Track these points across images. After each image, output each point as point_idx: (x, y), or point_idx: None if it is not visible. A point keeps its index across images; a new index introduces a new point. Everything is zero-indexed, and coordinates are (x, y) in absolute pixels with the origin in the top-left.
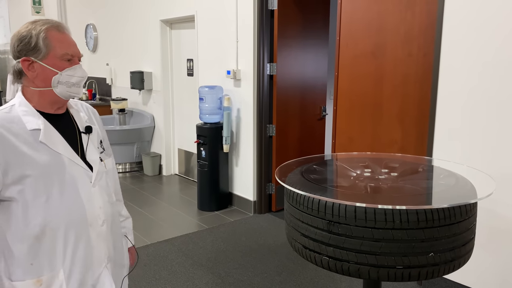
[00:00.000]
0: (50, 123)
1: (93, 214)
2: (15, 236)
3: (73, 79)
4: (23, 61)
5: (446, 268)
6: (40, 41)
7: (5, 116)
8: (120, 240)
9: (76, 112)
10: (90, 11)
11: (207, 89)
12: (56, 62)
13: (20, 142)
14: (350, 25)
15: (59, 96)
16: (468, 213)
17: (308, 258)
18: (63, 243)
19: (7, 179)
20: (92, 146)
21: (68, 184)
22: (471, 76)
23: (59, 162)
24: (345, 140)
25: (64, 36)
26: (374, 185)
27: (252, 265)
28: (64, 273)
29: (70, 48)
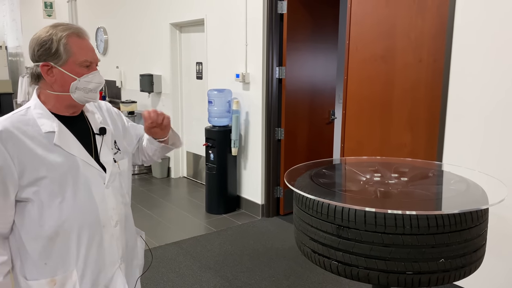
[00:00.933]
0: (65, 125)
1: (106, 215)
2: (30, 236)
3: (90, 85)
4: (42, 66)
5: (457, 274)
6: (61, 47)
7: (21, 118)
8: (134, 240)
9: (91, 114)
10: (101, 14)
11: (216, 92)
12: (75, 68)
13: (35, 144)
14: (360, 29)
15: (76, 101)
16: (479, 219)
17: (317, 262)
18: (76, 244)
19: (23, 181)
20: (106, 148)
21: (82, 186)
22: (482, 81)
23: (73, 164)
24: (354, 144)
25: (84, 42)
26: (384, 189)
27: (260, 269)
28: (77, 273)
29: (89, 54)
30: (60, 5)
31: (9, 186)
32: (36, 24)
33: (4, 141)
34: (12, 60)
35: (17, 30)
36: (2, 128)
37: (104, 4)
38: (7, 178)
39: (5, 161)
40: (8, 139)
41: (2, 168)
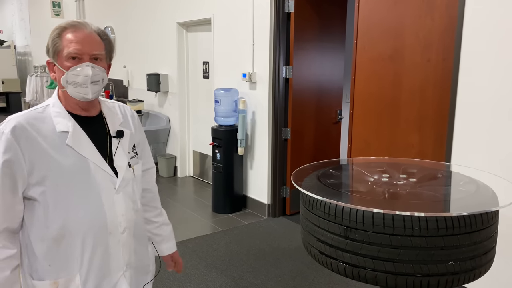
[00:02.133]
0: (81, 126)
1: (114, 222)
2: (36, 236)
3: (78, 79)
4: (47, 63)
5: (467, 277)
6: (50, 43)
7: (37, 116)
8: (144, 246)
9: (110, 115)
10: (108, 13)
11: (222, 91)
12: (63, 62)
13: (47, 143)
14: (368, 28)
15: (72, 97)
16: (489, 221)
17: (324, 263)
18: (80, 249)
19: (32, 178)
20: (122, 151)
21: (91, 190)
22: (492, 81)
23: (84, 166)
24: (361, 144)
25: (77, 34)
26: (392, 190)
27: (266, 269)
28: (80, 278)
29: (77, 46)
30: (68, 4)
31: (18, 181)
32: (44, 24)
33: (17, 137)
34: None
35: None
36: (16, 124)
37: (112, 4)
38: (17, 173)
39: (16, 156)
40: (21, 135)
41: (13, 162)
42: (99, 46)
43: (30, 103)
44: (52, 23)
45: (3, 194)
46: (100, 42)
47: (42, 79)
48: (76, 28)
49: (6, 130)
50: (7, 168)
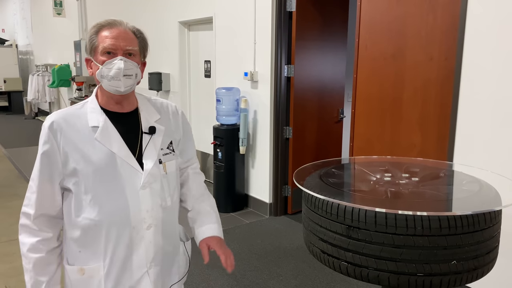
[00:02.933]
0: (114, 121)
1: (137, 217)
2: (70, 223)
3: (111, 72)
4: (85, 61)
5: (469, 276)
6: (88, 40)
7: (75, 112)
8: (174, 246)
9: (146, 112)
10: (110, 12)
11: (224, 90)
12: (98, 57)
13: (80, 137)
14: (370, 27)
15: (106, 90)
16: (492, 220)
17: (326, 263)
18: (105, 240)
19: (66, 170)
20: (153, 148)
21: (116, 183)
22: (494, 80)
23: (112, 160)
24: (363, 143)
25: (112, 31)
26: (395, 190)
27: (268, 268)
28: (104, 268)
29: (111, 41)
30: (70, 3)
31: (54, 172)
32: (46, 23)
33: (53, 131)
34: (23, 58)
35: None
36: (54, 119)
37: (114, 3)
38: (53, 165)
39: (52, 149)
40: (57, 129)
41: (50, 155)
42: (133, 42)
43: (31, 102)
44: (54, 22)
45: (41, 183)
46: (134, 39)
47: (44, 78)
48: (111, 26)
49: (45, 125)
50: (45, 159)
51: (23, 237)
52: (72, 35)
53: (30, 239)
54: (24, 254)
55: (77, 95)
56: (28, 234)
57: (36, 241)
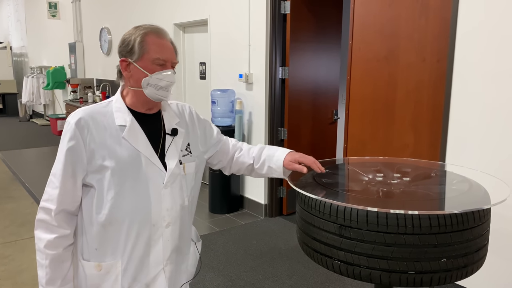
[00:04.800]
0: (139, 122)
1: (158, 215)
2: (88, 219)
3: (161, 83)
4: (121, 61)
5: (459, 274)
6: (136, 44)
7: (101, 110)
8: (187, 245)
9: (168, 114)
10: (105, 15)
11: (219, 92)
12: (148, 65)
13: (106, 135)
14: (363, 29)
15: (148, 97)
16: (481, 219)
17: (320, 262)
18: (125, 237)
19: (90, 166)
20: (174, 148)
21: (140, 182)
22: (485, 82)
23: (137, 159)
24: (357, 144)
25: (161, 41)
26: (386, 189)
27: (263, 269)
28: (121, 265)
29: (164, 53)
30: (65, 5)
31: (78, 168)
32: (41, 25)
33: (80, 128)
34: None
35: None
36: (81, 116)
37: (108, 5)
38: (77, 161)
39: (78, 145)
40: (84, 126)
41: (75, 151)
42: (176, 55)
43: (26, 104)
44: (48, 24)
45: (64, 179)
46: (174, 52)
47: (39, 80)
48: (159, 34)
49: (72, 121)
50: (70, 155)
51: (40, 232)
52: (67, 37)
53: (48, 235)
54: (41, 249)
55: (72, 97)
56: (46, 229)
57: (54, 237)
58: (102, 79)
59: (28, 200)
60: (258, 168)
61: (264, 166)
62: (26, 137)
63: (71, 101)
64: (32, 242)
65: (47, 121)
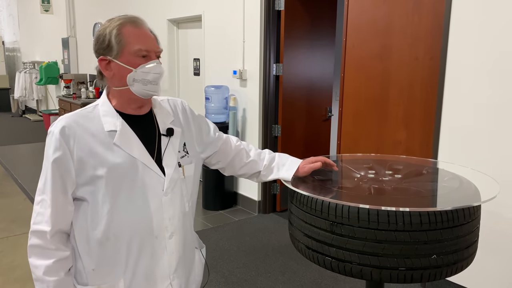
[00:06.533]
0: (130, 124)
1: (160, 225)
2: (81, 237)
3: (148, 76)
4: (100, 60)
5: (449, 270)
6: (112, 39)
7: (86, 115)
8: (191, 254)
9: (161, 113)
10: (98, 9)
11: (213, 88)
12: (130, 59)
13: (96, 142)
14: (357, 26)
15: (136, 94)
16: (471, 215)
17: (311, 258)
18: (126, 252)
19: (80, 179)
20: (172, 150)
21: (138, 191)
22: (478, 79)
23: (133, 166)
24: (350, 142)
25: (140, 30)
26: (378, 186)
27: (256, 265)
28: (124, 284)
29: (146, 43)
30: (58, 0)
31: (67, 181)
32: (33, 20)
33: (66, 137)
34: (9, 55)
35: (14, 25)
36: (65, 124)
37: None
38: (66, 174)
39: (64, 156)
40: (70, 135)
41: (62, 163)
42: (158, 44)
43: (18, 99)
44: (41, 19)
45: (55, 195)
46: (156, 40)
47: (31, 76)
48: (137, 24)
49: (55, 130)
50: (57, 168)
51: (35, 259)
52: (60, 32)
53: (45, 261)
54: (40, 278)
55: (65, 93)
56: (41, 255)
57: (53, 262)
58: (95, 74)
59: (20, 196)
60: (263, 175)
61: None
62: (19, 133)
63: (64, 96)
64: (24, 239)
65: (40, 116)
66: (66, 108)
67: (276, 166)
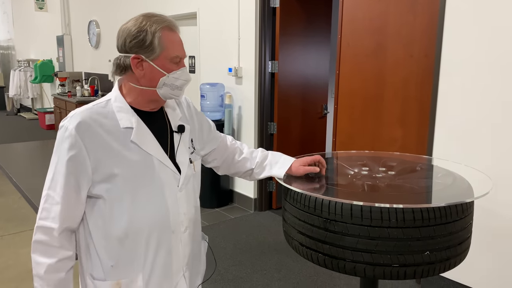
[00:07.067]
0: (144, 121)
1: (176, 220)
2: (99, 235)
3: (178, 82)
4: (133, 58)
5: (442, 266)
6: (155, 41)
7: (100, 111)
8: (199, 246)
9: (171, 110)
10: (93, 7)
11: (208, 86)
12: (165, 63)
13: (112, 139)
14: (352, 23)
15: (160, 96)
16: (464, 212)
17: (305, 255)
18: (144, 248)
19: (97, 176)
20: (183, 147)
21: (155, 187)
22: (472, 77)
23: (149, 163)
24: (345, 139)
25: (176, 36)
26: (372, 183)
27: (251, 262)
28: (143, 278)
29: (181, 50)
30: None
31: (81, 180)
32: (28, 17)
33: (81, 134)
34: (4, 53)
35: (8, 23)
36: (80, 120)
37: None
38: (81, 172)
39: (81, 154)
40: (85, 131)
41: (78, 160)
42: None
43: (13, 98)
44: (36, 17)
45: (67, 193)
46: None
47: (26, 74)
48: (174, 28)
49: (70, 126)
50: (72, 166)
51: (38, 256)
52: (55, 30)
53: (48, 259)
54: (41, 276)
55: (60, 91)
56: (45, 253)
57: (56, 261)
58: (90, 72)
59: (15, 195)
60: (256, 173)
61: (263, 172)
62: (14, 131)
63: (59, 94)
64: (19, 238)
65: (35, 115)
66: (61, 107)
67: (269, 164)
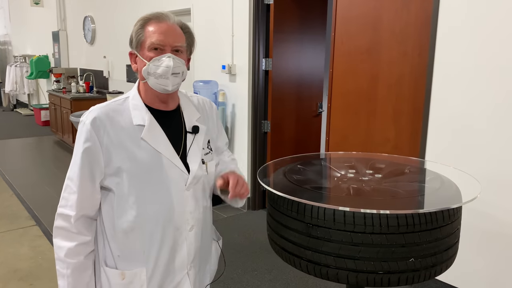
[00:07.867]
0: (158, 119)
1: (182, 218)
2: (109, 225)
3: (159, 70)
4: (129, 54)
5: (427, 273)
6: (133, 34)
7: (117, 108)
8: (209, 246)
9: (188, 110)
10: (89, 3)
11: (202, 83)
12: (145, 52)
13: (124, 135)
14: (346, 21)
15: (153, 88)
16: (451, 217)
17: (287, 260)
18: (148, 243)
19: (108, 169)
20: (196, 147)
21: (162, 185)
22: (466, 76)
23: (158, 161)
24: (339, 138)
25: (161, 25)
26: (357, 186)
27: (243, 262)
28: (146, 273)
29: (160, 37)
30: None
31: (96, 170)
32: (24, 13)
33: (96, 128)
34: (0, 48)
35: (5, 19)
36: (96, 115)
37: None
38: (95, 163)
39: (94, 146)
40: (100, 126)
41: (91, 152)
42: (181, 38)
43: (9, 93)
44: (32, 12)
45: (82, 182)
46: (181, 35)
47: (22, 69)
48: (159, 20)
49: (87, 121)
50: (87, 157)
51: (59, 240)
52: (50, 26)
53: (68, 243)
54: (61, 258)
55: (55, 87)
56: (65, 237)
57: (75, 245)
58: (86, 68)
59: (7, 192)
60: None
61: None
62: (9, 127)
63: (54, 91)
64: (9, 236)
65: (31, 111)
66: (56, 103)
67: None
